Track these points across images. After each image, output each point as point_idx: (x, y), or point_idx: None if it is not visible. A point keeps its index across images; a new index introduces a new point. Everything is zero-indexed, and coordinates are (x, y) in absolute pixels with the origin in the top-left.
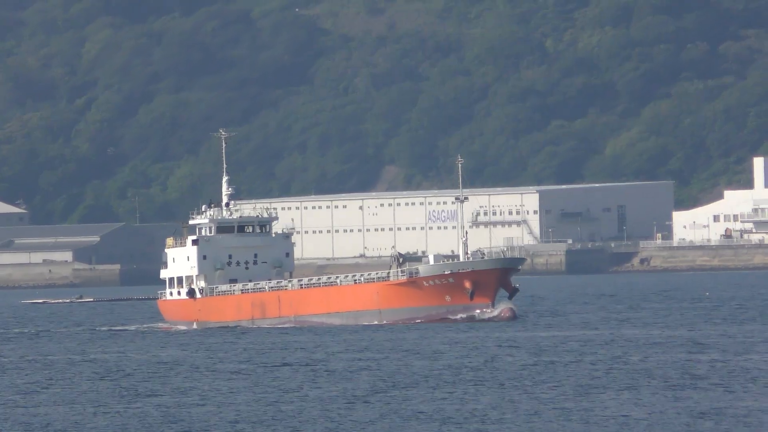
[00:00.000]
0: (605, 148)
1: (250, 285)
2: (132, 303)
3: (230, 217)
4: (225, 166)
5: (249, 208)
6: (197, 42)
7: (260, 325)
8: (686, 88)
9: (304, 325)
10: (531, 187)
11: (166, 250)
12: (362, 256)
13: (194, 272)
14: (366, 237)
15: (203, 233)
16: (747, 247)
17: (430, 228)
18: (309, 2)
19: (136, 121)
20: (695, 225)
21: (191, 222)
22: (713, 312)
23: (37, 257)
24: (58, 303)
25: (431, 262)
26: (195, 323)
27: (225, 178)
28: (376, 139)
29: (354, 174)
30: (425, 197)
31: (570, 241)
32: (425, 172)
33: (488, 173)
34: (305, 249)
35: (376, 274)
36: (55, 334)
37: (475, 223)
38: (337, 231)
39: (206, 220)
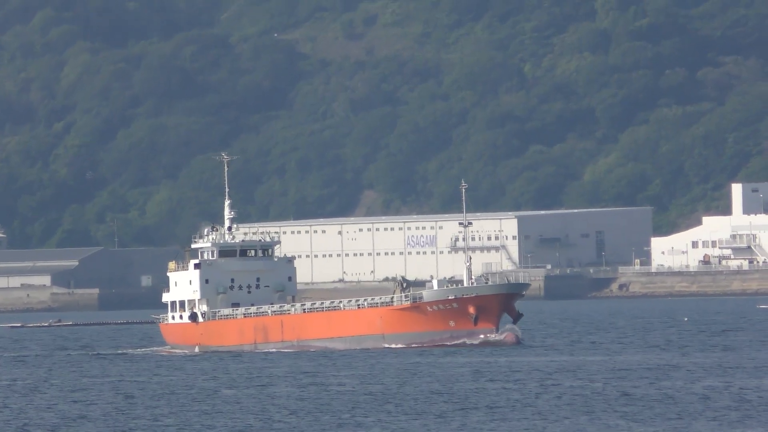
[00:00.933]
0: (584, 174)
1: (253, 309)
2: (112, 327)
3: (233, 241)
4: (227, 189)
5: (250, 232)
6: (176, 66)
7: (263, 349)
8: (664, 113)
9: (307, 350)
10: (509, 213)
11: (169, 274)
12: (341, 280)
13: (196, 296)
14: (345, 262)
15: (205, 257)
16: (725, 273)
17: (409, 253)
18: (287, 27)
19: (114, 146)
20: (673, 251)
21: (193, 246)
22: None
23: (15, 281)
24: (36, 327)
25: (435, 287)
26: (197, 347)
27: (227, 202)
28: (355, 163)
29: (333, 199)
30: (404, 222)
31: (549, 267)
32: (404, 197)
33: (467, 198)
34: None
35: (380, 298)
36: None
37: (454, 249)
38: (316, 256)
39: (208, 244)
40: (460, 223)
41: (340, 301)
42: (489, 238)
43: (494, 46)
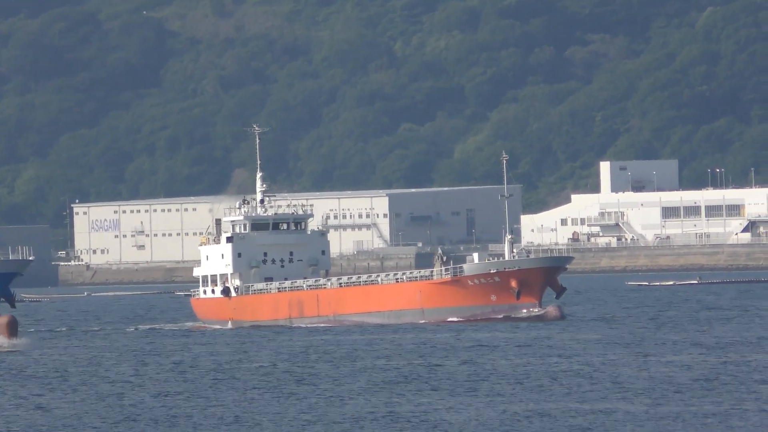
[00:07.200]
0: (454, 152)
1: (287, 283)
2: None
3: (265, 214)
4: (259, 162)
5: (284, 205)
6: (44, 43)
7: (298, 324)
8: (533, 92)
9: (344, 325)
10: (380, 191)
11: (200, 248)
12: None
13: (229, 270)
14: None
15: (237, 230)
16: (594, 251)
17: None
18: (156, 4)
19: None
20: (543, 228)
21: (225, 219)
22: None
23: None
24: None
25: (475, 260)
26: (230, 322)
27: (259, 175)
28: (225, 141)
29: (203, 177)
30: (275, 201)
31: (420, 245)
32: (274, 175)
33: (337, 176)
34: (154, 252)
35: (419, 272)
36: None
37: (325, 227)
38: (186, 234)
39: (241, 217)
40: (501, 195)
41: (378, 275)
42: (360, 216)
43: (364, 24)
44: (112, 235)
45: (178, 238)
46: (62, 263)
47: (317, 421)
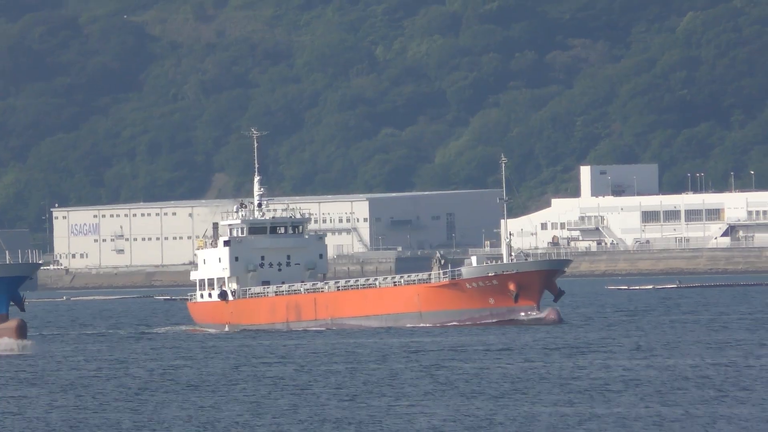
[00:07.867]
0: (435, 157)
1: (285, 287)
2: None
3: (263, 218)
4: (257, 165)
5: (281, 208)
6: (24, 48)
7: (295, 328)
8: (514, 96)
9: (342, 328)
10: (361, 195)
11: (197, 251)
12: (192, 263)
13: (226, 274)
14: (195, 244)
15: (235, 234)
16: (574, 255)
17: None
18: (137, 9)
19: None
20: (523, 233)
21: (222, 223)
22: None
23: None
24: None
25: (474, 263)
26: (227, 326)
27: (257, 178)
28: (206, 146)
29: (184, 181)
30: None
31: (400, 249)
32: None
33: (318, 181)
34: (134, 256)
35: (416, 276)
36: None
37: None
38: (166, 238)
39: (238, 221)
40: (500, 198)
41: (375, 279)
42: (340, 221)
43: (345, 29)
44: (91, 240)
45: (158, 243)
46: (41, 267)
47: (287, 423)
